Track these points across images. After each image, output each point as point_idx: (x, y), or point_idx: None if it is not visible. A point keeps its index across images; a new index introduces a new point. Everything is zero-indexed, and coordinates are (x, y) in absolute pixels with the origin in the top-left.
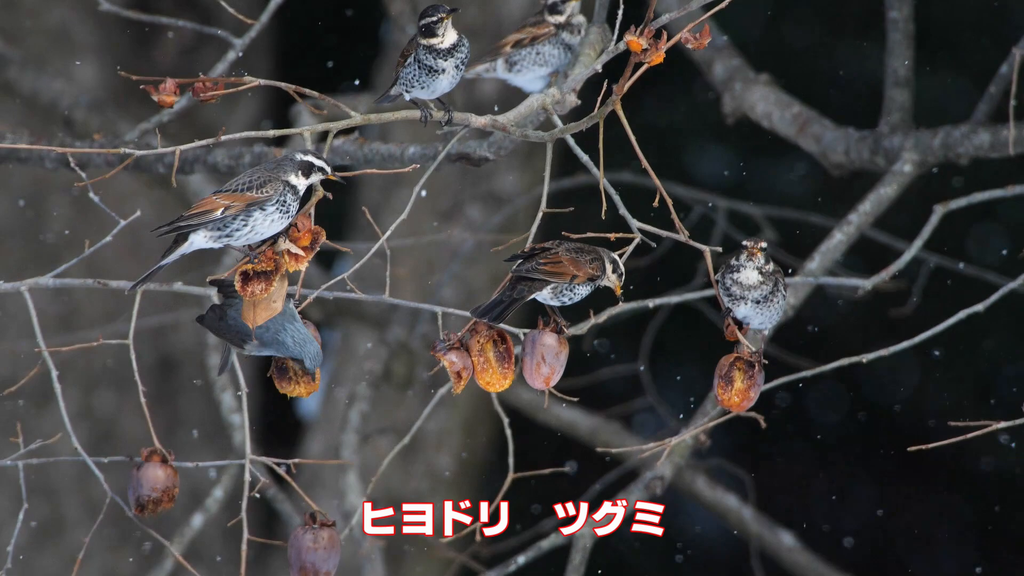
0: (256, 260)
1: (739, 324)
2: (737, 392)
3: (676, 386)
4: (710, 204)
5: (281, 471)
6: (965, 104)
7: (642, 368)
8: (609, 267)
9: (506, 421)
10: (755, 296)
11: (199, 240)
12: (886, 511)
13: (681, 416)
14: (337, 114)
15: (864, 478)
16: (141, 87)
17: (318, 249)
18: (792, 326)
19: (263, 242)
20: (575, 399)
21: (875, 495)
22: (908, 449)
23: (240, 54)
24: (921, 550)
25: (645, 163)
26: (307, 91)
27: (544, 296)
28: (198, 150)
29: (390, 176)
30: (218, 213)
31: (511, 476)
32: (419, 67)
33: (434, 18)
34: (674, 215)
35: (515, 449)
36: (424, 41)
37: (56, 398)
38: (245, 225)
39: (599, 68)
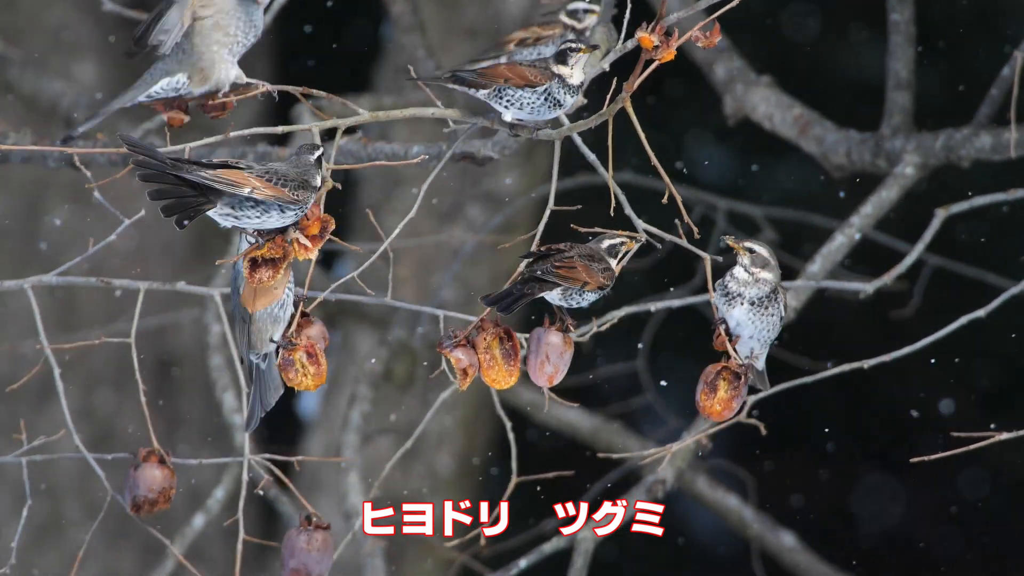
0: (265, 248)
1: (729, 335)
2: (720, 401)
3: (676, 383)
4: (715, 205)
5: (278, 472)
6: (967, 106)
7: (640, 366)
8: (614, 259)
9: (508, 425)
10: (751, 295)
11: (215, 213)
12: (887, 512)
13: (682, 415)
14: (343, 113)
15: (865, 478)
16: (151, 107)
17: (327, 238)
18: (793, 325)
19: (273, 230)
20: (574, 404)
21: (876, 495)
22: (911, 460)
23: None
24: (922, 552)
25: (655, 161)
26: (314, 92)
27: (553, 296)
28: (201, 149)
29: (391, 176)
30: (244, 191)
31: (514, 480)
32: (546, 99)
33: (575, 46)
34: (684, 216)
35: (517, 447)
36: (556, 68)
37: (58, 396)
38: (258, 217)
39: (606, 67)
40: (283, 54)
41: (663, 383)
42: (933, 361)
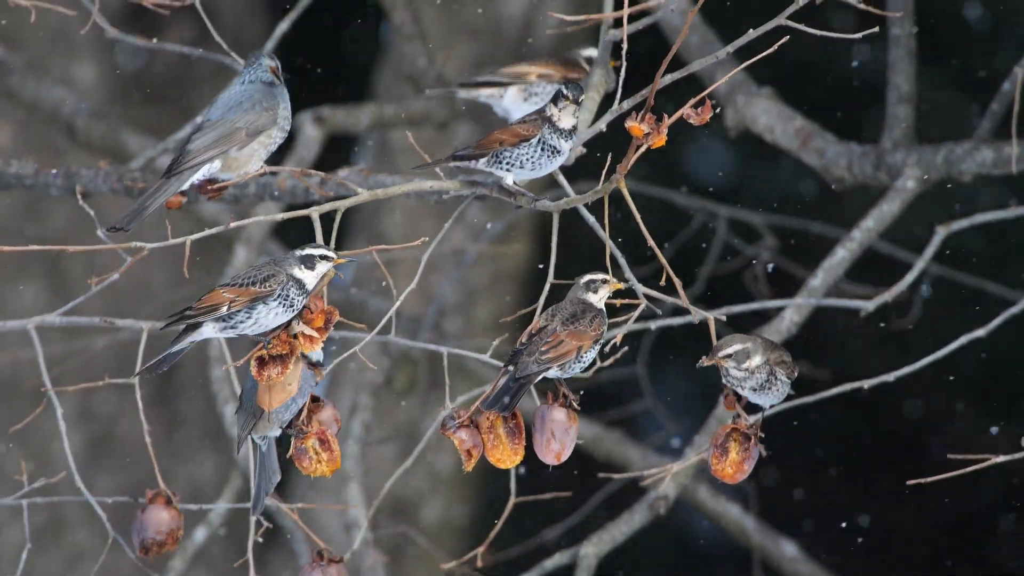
0: (271, 345)
1: (738, 396)
2: (731, 463)
3: (676, 386)
4: (716, 213)
5: (291, 514)
6: (968, 121)
7: (640, 371)
8: (594, 295)
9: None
10: (751, 384)
11: (208, 331)
12: (888, 522)
13: (682, 421)
14: (348, 132)
15: (866, 488)
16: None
17: (331, 329)
18: (796, 337)
19: (276, 328)
20: (567, 494)
21: (877, 506)
22: (908, 483)
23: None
24: (924, 562)
25: (651, 242)
26: (312, 172)
27: (554, 373)
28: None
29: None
30: (224, 310)
31: (512, 501)
32: (542, 148)
33: (566, 94)
34: (680, 289)
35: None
36: (548, 110)
37: (61, 435)
38: (249, 318)
39: (603, 128)
40: (286, 63)
41: (662, 388)
42: (952, 378)
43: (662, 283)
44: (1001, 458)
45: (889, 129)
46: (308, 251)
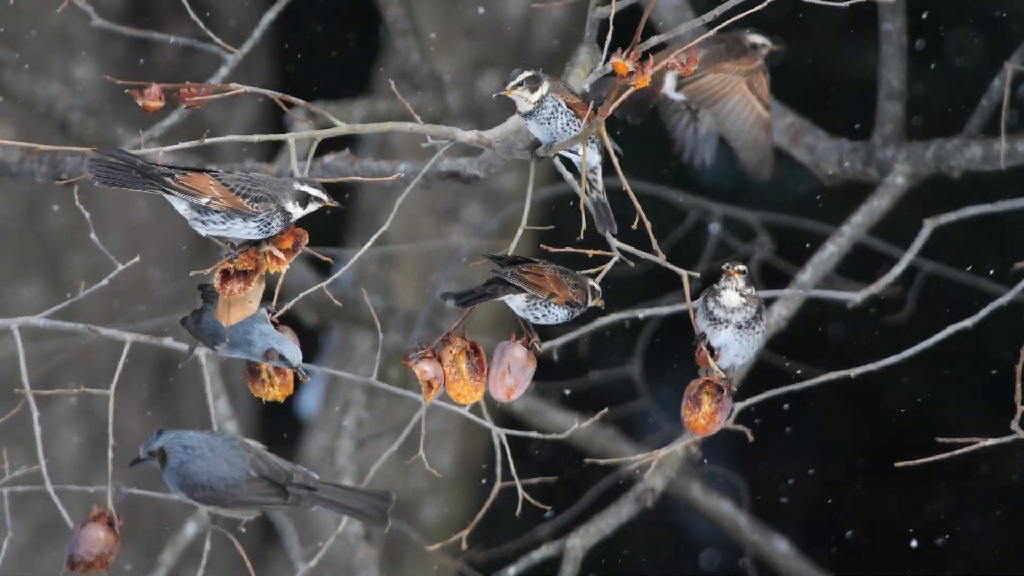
0: (236, 259)
1: (711, 350)
2: (704, 415)
3: (671, 387)
4: (710, 211)
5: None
6: (957, 117)
7: (635, 371)
8: (590, 297)
9: (495, 431)
10: (738, 319)
11: (180, 208)
12: (882, 517)
13: (677, 425)
14: (327, 123)
15: (860, 483)
16: (126, 91)
17: (299, 252)
18: (786, 331)
19: (245, 242)
20: (553, 479)
21: (871, 501)
22: (896, 464)
23: (231, 70)
24: (917, 558)
25: (627, 186)
26: (292, 99)
27: (517, 304)
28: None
29: (375, 171)
30: (203, 201)
31: (498, 485)
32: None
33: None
34: (653, 243)
35: (510, 452)
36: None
37: (44, 403)
38: (222, 223)
39: (587, 88)
40: (281, 58)
41: (657, 386)
42: (948, 373)
43: (634, 226)
44: (989, 441)
45: (879, 125)
46: (306, 188)
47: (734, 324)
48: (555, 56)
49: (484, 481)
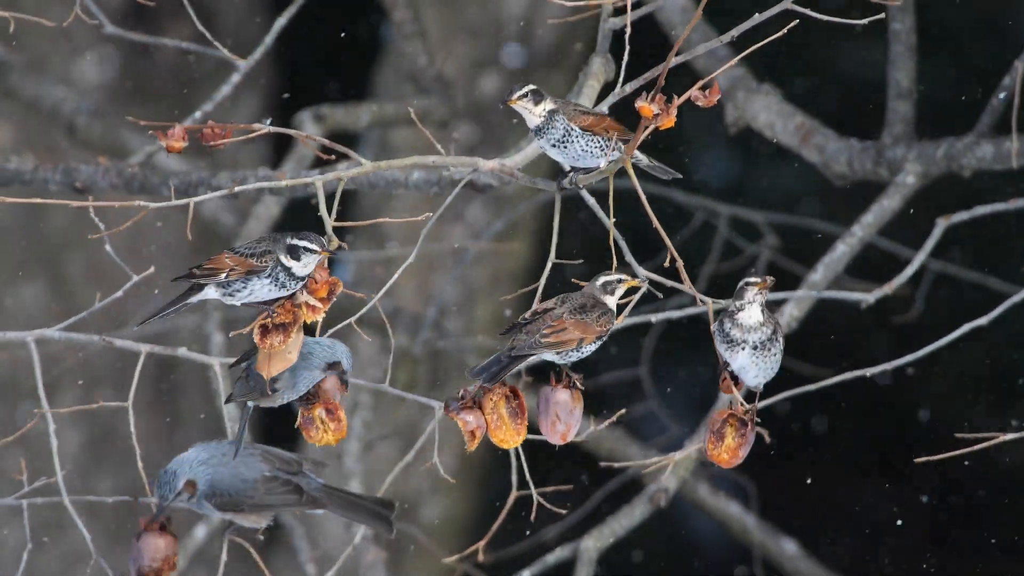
0: (275, 314)
1: (735, 379)
2: (727, 449)
3: (679, 388)
4: (717, 211)
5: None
6: (968, 116)
7: (643, 372)
8: (612, 317)
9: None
10: (755, 339)
11: (210, 292)
12: (890, 518)
13: (684, 422)
14: (348, 130)
15: (869, 485)
16: (150, 132)
17: (335, 300)
18: (797, 331)
19: (276, 299)
20: (569, 487)
21: (878, 502)
22: (916, 460)
23: (242, 76)
24: (926, 559)
25: (656, 222)
26: (316, 138)
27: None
28: (202, 174)
29: (389, 179)
30: (223, 276)
31: (514, 494)
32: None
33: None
34: (684, 277)
35: (516, 452)
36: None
37: (49, 402)
38: (245, 288)
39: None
40: (288, 61)
41: (665, 387)
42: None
43: (666, 264)
44: (1009, 436)
45: (889, 125)
46: (294, 241)
47: (751, 345)
48: (555, 56)
49: (488, 483)
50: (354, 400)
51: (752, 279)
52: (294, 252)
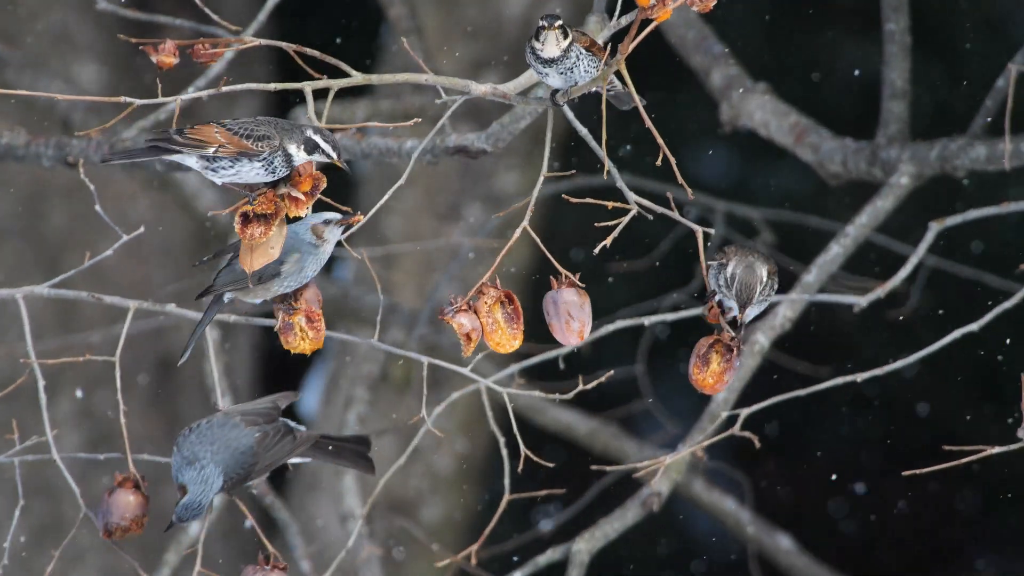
0: (255, 202)
1: (722, 308)
2: (712, 374)
3: (674, 385)
4: (713, 208)
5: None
6: (962, 117)
7: (638, 370)
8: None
9: (502, 440)
10: (752, 313)
11: (190, 161)
12: (885, 514)
13: (679, 426)
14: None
15: (863, 480)
16: (140, 47)
17: (317, 196)
18: (792, 330)
19: (261, 185)
20: (562, 491)
21: (873, 497)
22: (903, 474)
23: (235, 53)
24: (920, 555)
25: (650, 123)
26: (307, 50)
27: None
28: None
29: (388, 174)
30: (210, 151)
31: (506, 498)
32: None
33: (541, 23)
34: (680, 180)
35: (509, 452)
36: (530, 42)
37: (46, 402)
38: (231, 167)
39: (600, 43)
40: (281, 56)
41: (661, 384)
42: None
43: (658, 163)
44: (996, 449)
45: (884, 125)
46: (316, 138)
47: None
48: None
49: (487, 483)
50: (350, 395)
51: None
52: (311, 147)
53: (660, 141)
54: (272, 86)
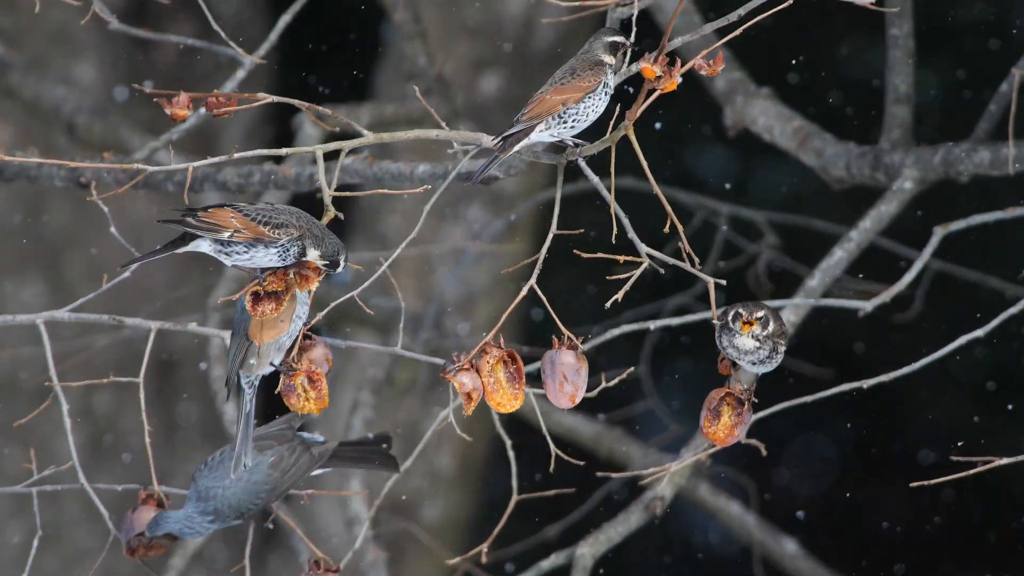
0: (266, 281)
1: (733, 362)
2: (723, 427)
3: (678, 387)
4: (717, 211)
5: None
6: (966, 122)
7: (642, 372)
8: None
9: (508, 443)
10: (751, 359)
11: (203, 246)
12: (892, 519)
13: (684, 421)
14: (349, 131)
15: (868, 484)
16: (155, 100)
17: (326, 272)
18: (795, 333)
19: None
20: (571, 490)
21: (880, 502)
22: (911, 485)
23: (247, 73)
24: (925, 560)
25: (657, 189)
26: (319, 108)
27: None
28: (208, 168)
29: (394, 173)
30: (225, 235)
31: (514, 499)
32: (605, 93)
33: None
34: (685, 245)
35: (515, 455)
36: (607, 57)
37: (64, 432)
38: (245, 252)
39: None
40: (285, 61)
41: (664, 386)
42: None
43: (666, 229)
44: (1004, 460)
45: (887, 130)
46: (341, 258)
47: (748, 362)
48: (555, 56)
49: (488, 483)
50: (355, 399)
51: (743, 311)
52: (332, 263)
53: (668, 208)
54: (284, 151)
